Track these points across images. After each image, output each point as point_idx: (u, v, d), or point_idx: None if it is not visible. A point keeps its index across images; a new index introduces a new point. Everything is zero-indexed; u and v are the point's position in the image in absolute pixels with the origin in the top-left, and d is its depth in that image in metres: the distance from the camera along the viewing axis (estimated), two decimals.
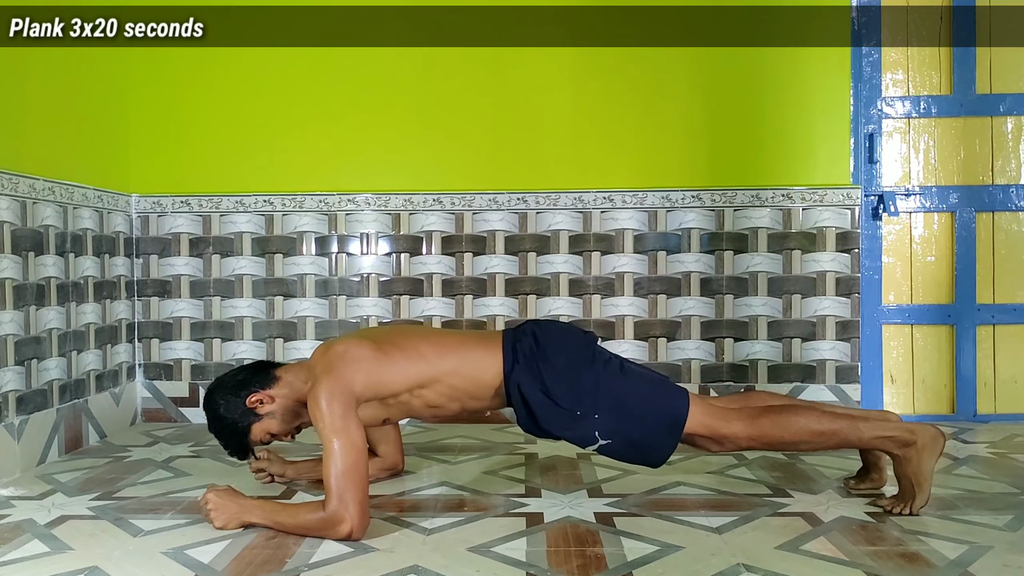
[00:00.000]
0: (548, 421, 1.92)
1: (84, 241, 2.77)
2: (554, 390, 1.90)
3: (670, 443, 1.92)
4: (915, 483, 1.88)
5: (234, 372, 2.01)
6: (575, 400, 1.90)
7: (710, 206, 3.07)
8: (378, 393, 1.90)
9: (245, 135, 3.12)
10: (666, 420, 1.90)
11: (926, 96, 3.10)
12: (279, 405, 1.95)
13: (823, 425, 1.88)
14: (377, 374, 1.88)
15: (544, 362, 1.92)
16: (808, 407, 1.98)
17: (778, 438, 1.89)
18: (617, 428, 1.90)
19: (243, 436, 1.96)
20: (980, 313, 3.07)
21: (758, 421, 1.90)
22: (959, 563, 1.60)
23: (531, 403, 1.91)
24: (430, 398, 1.95)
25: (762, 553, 1.66)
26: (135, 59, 3.06)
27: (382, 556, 1.66)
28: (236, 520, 1.83)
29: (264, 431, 1.97)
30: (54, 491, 2.18)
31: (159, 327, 3.14)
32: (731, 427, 1.90)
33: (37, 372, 2.49)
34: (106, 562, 1.64)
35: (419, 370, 1.92)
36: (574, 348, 1.96)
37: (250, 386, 1.95)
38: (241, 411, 1.94)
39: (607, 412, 1.90)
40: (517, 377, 1.92)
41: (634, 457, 1.97)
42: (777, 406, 1.96)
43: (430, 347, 1.95)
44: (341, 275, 3.12)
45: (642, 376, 2.00)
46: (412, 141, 3.10)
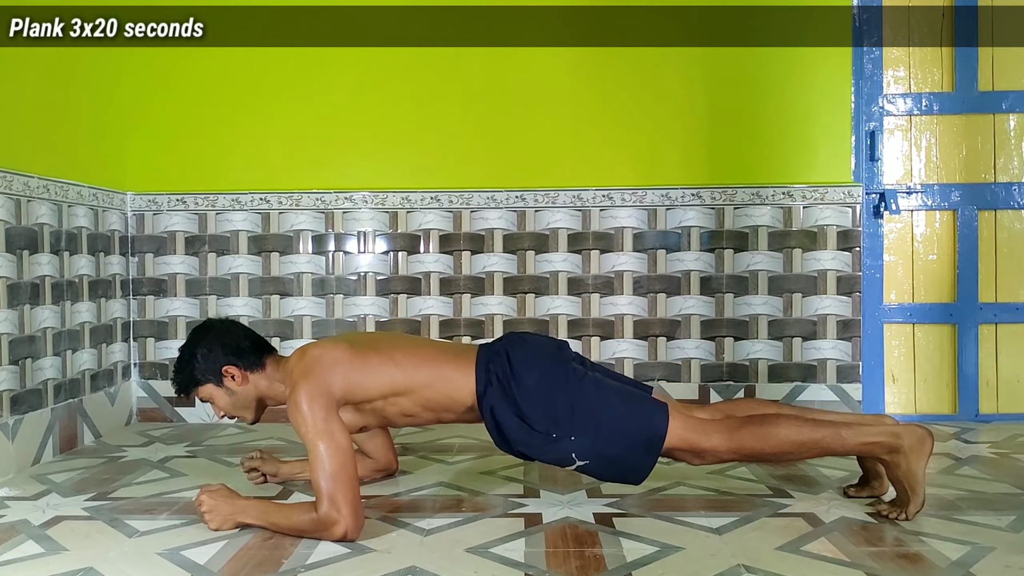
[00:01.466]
0: (522, 444, 1.89)
1: (79, 239, 2.76)
2: (528, 413, 1.87)
3: (649, 460, 1.89)
4: (908, 487, 1.86)
5: (241, 333, 2.00)
6: (550, 423, 1.87)
7: (710, 204, 3.06)
8: (355, 396, 1.88)
9: (241, 133, 3.10)
10: (644, 438, 1.87)
11: (928, 93, 3.09)
12: (243, 390, 1.96)
13: (804, 435, 1.85)
14: (354, 377, 1.86)
15: (518, 384, 1.88)
16: (791, 416, 1.93)
17: (759, 449, 1.87)
18: (594, 449, 1.87)
19: (194, 384, 1.97)
20: (982, 312, 3.06)
21: (738, 433, 1.87)
22: (961, 564, 1.59)
23: (504, 427, 1.88)
24: (405, 406, 1.93)
25: (762, 554, 1.65)
26: (130, 56, 3.05)
27: (379, 557, 1.66)
28: (230, 521, 1.82)
29: (211, 395, 1.97)
30: (49, 491, 2.17)
31: (155, 326, 3.13)
32: (711, 440, 1.87)
33: (32, 371, 2.48)
34: (101, 563, 1.64)
35: (393, 378, 1.90)
36: (548, 368, 1.92)
37: (240, 357, 1.95)
38: (212, 368, 1.94)
39: (583, 433, 1.87)
40: (490, 400, 1.88)
41: (613, 476, 1.95)
42: (758, 416, 1.93)
43: (405, 357, 1.93)
44: (338, 274, 3.11)
45: (619, 392, 1.95)
46: (409, 139, 3.09)
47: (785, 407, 2.08)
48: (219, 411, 1.99)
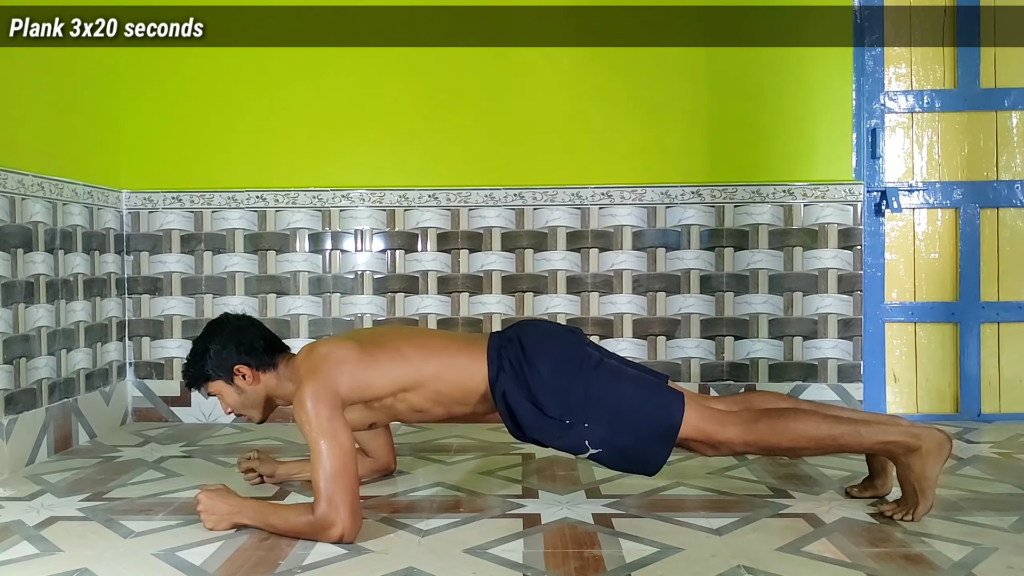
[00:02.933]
0: (535, 430, 1.88)
1: (74, 238, 2.74)
2: (541, 398, 1.85)
3: (664, 451, 1.87)
4: (918, 489, 1.84)
5: (257, 331, 1.99)
6: (564, 409, 1.85)
7: (710, 202, 3.04)
8: (363, 395, 1.88)
9: (237, 130, 3.09)
10: (659, 428, 1.85)
11: (930, 90, 3.07)
12: (253, 389, 1.95)
13: (823, 431, 1.83)
14: (362, 376, 1.85)
15: (531, 369, 1.86)
16: (809, 411, 1.92)
17: (775, 443, 1.85)
18: (608, 437, 1.86)
19: (204, 380, 1.97)
20: (985, 311, 3.04)
21: (755, 426, 1.85)
22: (963, 565, 1.58)
23: (517, 412, 1.87)
24: (415, 402, 1.92)
25: (763, 555, 1.65)
26: (126, 54, 3.04)
27: (377, 558, 1.65)
28: (226, 521, 1.81)
29: (220, 392, 1.97)
30: (43, 492, 2.16)
31: (150, 325, 3.11)
32: (727, 432, 1.85)
33: (26, 371, 2.46)
34: (96, 564, 1.63)
35: (403, 373, 1.88)
36: (562, 354, 1.90)
37: (253, 356, 1.94)
38: (224, 365, 1.93)
39: (597, 421, 1.85)
40: (502, 385, 1.87)
41: (627, 466, 1.93)
42: (777, 409, 1.91)
43: (414, 349, 1.91)
44: (335, 272, 3.09)
45: (635, 380, 1.93)
46: (407, 137, 3.08)
47: (802, 402, 2.06)
48: (227, 408, 1.99)
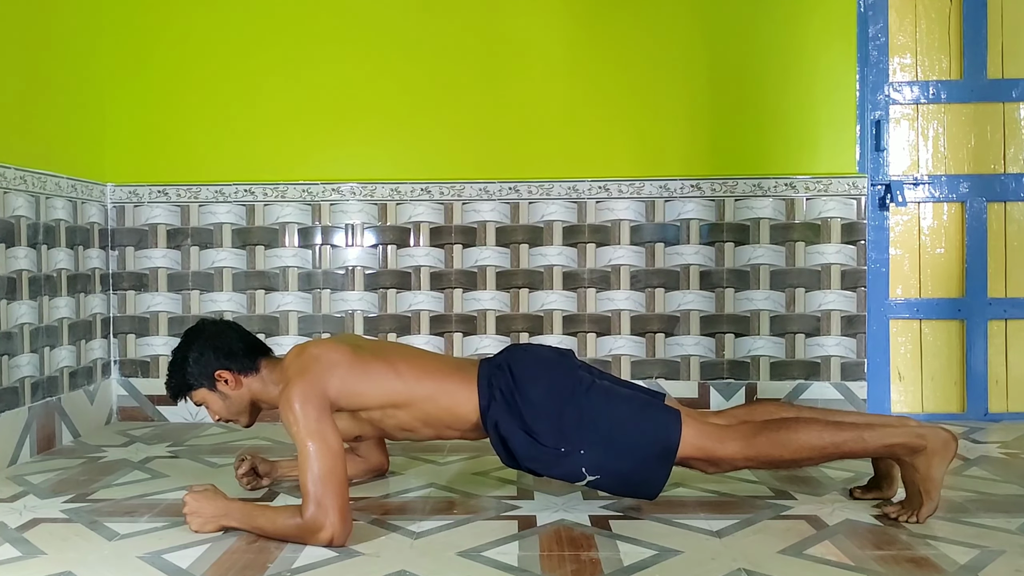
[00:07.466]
0: (530, 459, 1.86)
1: (57, 232, 2.71)
2: (535, 427, 1.83)
3: (663, 472, 1.85)
4: (923, 490, 1.82)
5: (236, 334, 1.96)
6: (558, 436, 1.83)
7: (710, 196, 3.01)
8: (351, 403, 1.85)
9: (225, 121, 3.05)
10: (657, 449, 1.83)
11: (935, 81, 3.04)
12: (237, 394, 1.93)
13: (825, 439, 1.81)
14: (352, 382, 1.83)
15: (522, 398, 1.84)
16: (810, 419, 1.89)
17: (777, 457, 1.83)
18: (605, 462, 1.84)
19: (186, 389, 1.94)
20: (992, 307, 3.01)
21: (755, 440, 1.82)
22: (969, 568, 1.57)
23: (511, 442, 1.85)
24: (404, 420, 1.90)
25: (764, 557, 1.63)
26: (111, 43, 3.01)
27: (368, 561, 1.63)
28: (213, 523, 1.78)
29: (205, 400, 1.94)
30: (26, 493, 2.14)
31: (135, 322, 3.07)
32: (726, 448, 1.83)
33: (8, 369, 2.44)
34: (80, 567, 1.61)
35: (395, 388, 1.86)
36: (553, 380, 1.88)
37: (233, 360, 1.91)
38: (204, 372, 1.91)
39: (593, 446, 1.83)
40: (494, 415, 1.85)
41: (626, 490, 1.92)
42: (776, 421, 1.88)
43: (408, 367, 1.89)
44: (325, 268, 3.05)
45: (629, 400, 1.91)
46: (399, 128, 3.04)
47: (804, 409, 2.02)
48: (214, 415, 1.96)
